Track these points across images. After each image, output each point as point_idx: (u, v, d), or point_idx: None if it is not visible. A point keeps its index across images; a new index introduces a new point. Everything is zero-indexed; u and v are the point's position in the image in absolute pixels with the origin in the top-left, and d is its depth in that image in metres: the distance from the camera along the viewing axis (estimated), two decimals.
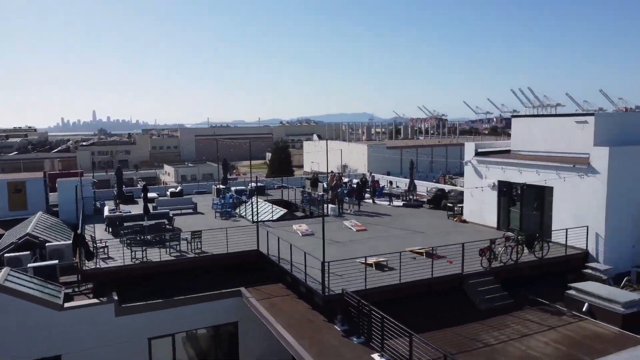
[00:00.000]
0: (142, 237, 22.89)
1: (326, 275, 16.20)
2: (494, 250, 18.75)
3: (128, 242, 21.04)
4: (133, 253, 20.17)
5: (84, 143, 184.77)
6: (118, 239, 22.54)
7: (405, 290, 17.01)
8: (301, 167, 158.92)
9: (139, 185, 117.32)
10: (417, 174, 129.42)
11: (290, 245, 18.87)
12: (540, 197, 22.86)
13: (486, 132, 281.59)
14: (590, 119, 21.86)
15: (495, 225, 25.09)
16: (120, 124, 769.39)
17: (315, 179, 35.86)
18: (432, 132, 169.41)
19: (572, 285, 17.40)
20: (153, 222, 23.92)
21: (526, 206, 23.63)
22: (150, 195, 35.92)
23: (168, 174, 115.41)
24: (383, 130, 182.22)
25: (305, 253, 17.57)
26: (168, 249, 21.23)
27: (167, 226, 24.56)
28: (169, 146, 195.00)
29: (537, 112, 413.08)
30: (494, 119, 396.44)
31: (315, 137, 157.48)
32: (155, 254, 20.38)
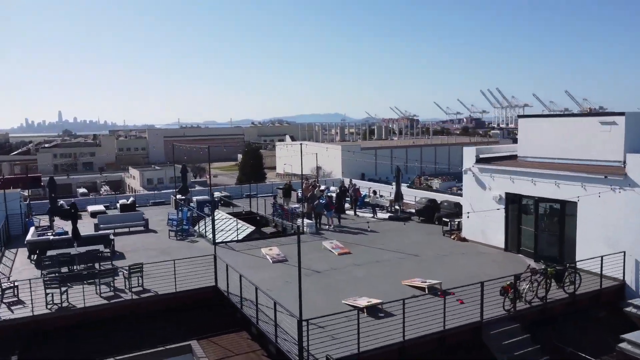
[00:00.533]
0: (71, 269, 17.95)
1: (304, 334, 11.69)
2: (518, 289, 14.54)
3: (47, 278, 16.03)
4: (50, 295, 15.26)
5: (46, 145, 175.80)
6: (41, 273, 17.56)
7: (410, 349, 12.61)
8: (274, 168, 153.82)
9: (102, 192, 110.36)
10: (393, 177, 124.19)
11: (256, 288, 14.24)
12: (560, 214, 18.83)
13: (457, 132, 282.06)
14: (619, 120, 17.92)
15: (502, 245, 20.97)
16: (88, 124, 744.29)
17: (288, 188, 31.21)
18: (405, 132, 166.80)
19: (626, 337, 13.30)
20: (85, 249, 18.91)
21: (542, 224, 19.57)
22: (96, 208, 30.82)
23: (133, 177, 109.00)
24: (357, 131, 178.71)
25: (275, 304, 12.96)
26: (99, 287, 16.33)
27: (105, 254, 19.59)
28: (137, 148, 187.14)
29: (505, 113, 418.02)
30: (464, 119, 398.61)
31: (287, 138, 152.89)
32: (83, 296, 15.45)
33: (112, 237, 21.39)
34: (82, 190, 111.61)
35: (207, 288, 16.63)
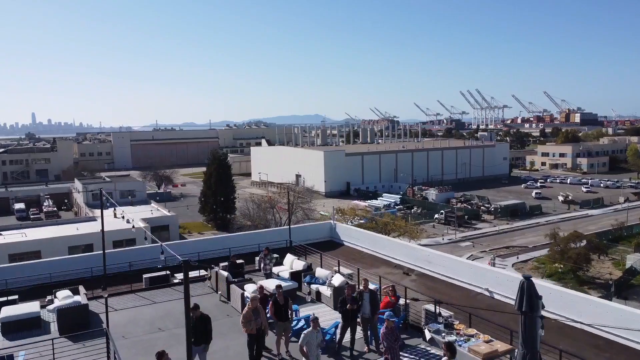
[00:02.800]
0: None
1: None
2: None
3: None
4: None
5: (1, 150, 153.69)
6: None
7: None
8: (248, 175, 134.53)
9: (44, 207, 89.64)
10: (382, 186, 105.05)
11: None
12: None
13: (440, 133, 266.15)
14: None
15: None
16: (62, 127, 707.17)
17: (202, 322, 11.62)
18: (393, 135, 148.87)
19: None
20: None
21: None
22: None
23: (78, 191, 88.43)
24: (339, 132, 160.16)
25: None
26: None
27: None
28: (101, 152, 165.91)
29: (485, 114, 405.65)
30: (444, 120, 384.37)
31: (264, 142, 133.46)
32: None
33: None
34: (19, 206, 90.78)
35: None
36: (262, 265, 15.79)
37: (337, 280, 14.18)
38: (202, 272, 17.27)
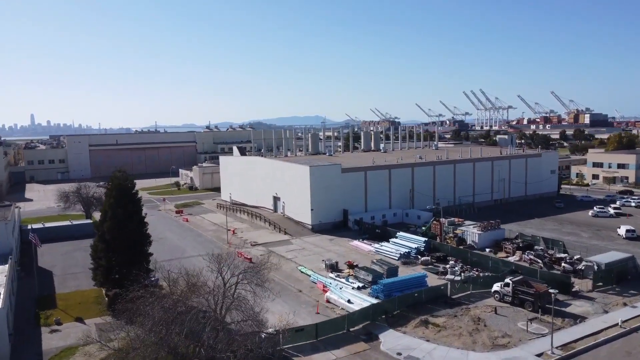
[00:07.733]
0: None
1: None
2: None
3: None
4: None
5: None
6: None
7: None
8: (217, 190, 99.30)
9: None
10: (392, 215, 62.42)
11: None
12: None
13: (447, 136, 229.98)
14: None
15: None
16: (62, 128, 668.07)
17: None
18: (400, 137, 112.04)
19: None
20: None
21: None
22: None
23: None
24: (337, 136, 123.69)
25: None
26: None
27: None
28: (53, 160, 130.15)
29: (489, 115, 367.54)
30: (447, 122, 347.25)
31: (235, 150, 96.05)
32: None
33: None
34: None
35: None
36: None
37: None
38: None
